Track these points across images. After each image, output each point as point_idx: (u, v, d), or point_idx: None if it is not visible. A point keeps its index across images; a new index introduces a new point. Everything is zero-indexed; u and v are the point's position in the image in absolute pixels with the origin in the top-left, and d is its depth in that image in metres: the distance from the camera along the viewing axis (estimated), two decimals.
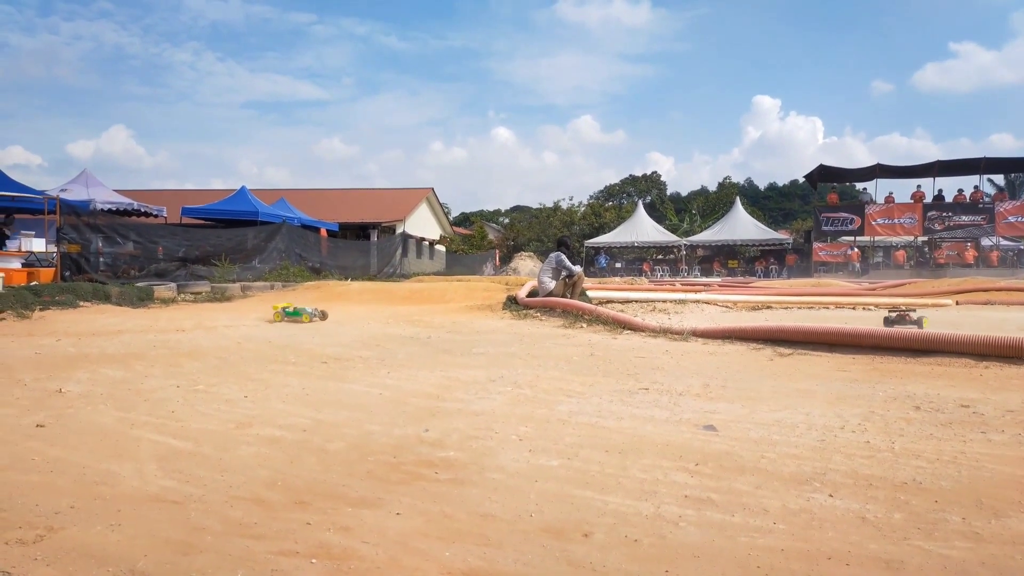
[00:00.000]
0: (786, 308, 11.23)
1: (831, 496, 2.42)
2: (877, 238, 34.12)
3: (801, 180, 48.90)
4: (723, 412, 3.73)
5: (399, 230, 32.32)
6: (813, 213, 35.72)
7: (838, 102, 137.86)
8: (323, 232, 24.08)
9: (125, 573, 1.80)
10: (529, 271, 34.35)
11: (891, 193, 33.48)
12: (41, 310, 9.09)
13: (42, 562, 1.88)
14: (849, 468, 2.73)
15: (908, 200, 33.16)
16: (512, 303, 10.62)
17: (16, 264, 13.25)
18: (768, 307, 11.36)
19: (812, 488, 2.50)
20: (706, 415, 3.64)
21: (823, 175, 35.14)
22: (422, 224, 38.10)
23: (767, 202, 72.48)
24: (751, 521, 2.21)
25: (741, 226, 38.36)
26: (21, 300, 9.04)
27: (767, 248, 38.34)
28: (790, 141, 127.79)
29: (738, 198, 42.22)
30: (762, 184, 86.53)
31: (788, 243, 38.59)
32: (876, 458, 2.86)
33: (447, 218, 45.75)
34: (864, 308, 11.09)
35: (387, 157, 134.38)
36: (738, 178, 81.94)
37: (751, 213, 42.26)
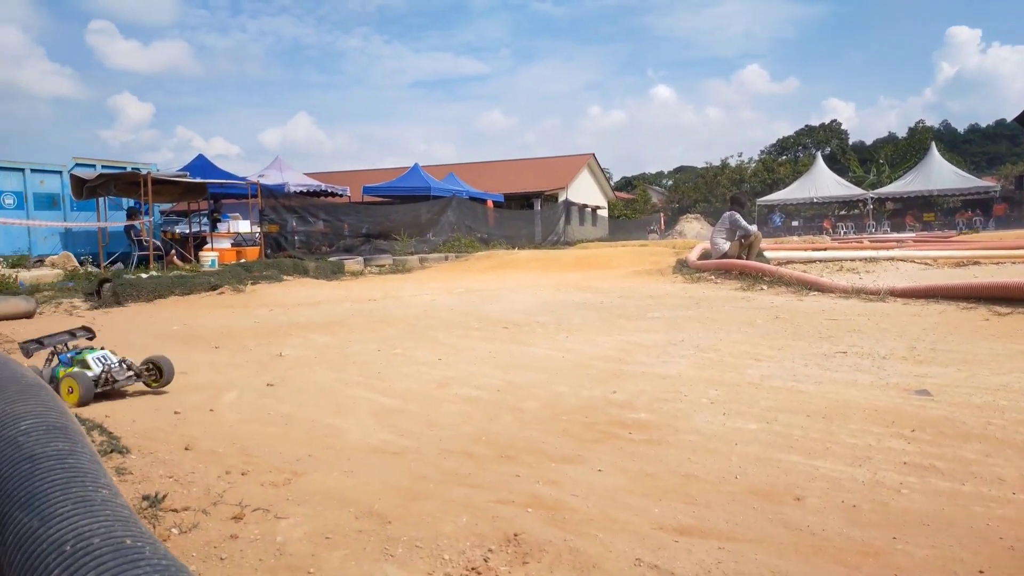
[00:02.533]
0: (997, 264, 10.01)
1: None
2: None
3: (1009, 120, 42.89)
4: (936, 376, 3.43)
5: (561, 198, 32.46)
6: None
7: None
8: (489, 203, 24.78)
9: (365, 514, 2.00)
10: (696, 234, 33.30)
11: None
12: (252, 284, 10.17)
13: (293, 502, 2.14)
14: None
15: None
16: (683, 266, 10.37)
17: (226, 244, 14.91)
18: (976, 263, 10.20)
19: None
20: (917, 379, 3.37)
21: None
22: (584, 191, 37.98)
23: (968, 146, 64.91)
24: (985, 490, 2.04)
25: (937, 174, 34.47)
26: (236, 276, 10.19)
27: (969, 198, 34.28)
28: (994, 76, 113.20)
29: (933, 144, 37.93)
30: (961, 127, 77.83)
31: (995, 191, 34.22)
32: None
33: (608, 183, 45.26)
34: None
35: (545, 126, 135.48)
36: (932, 121, 74.20)
37: (949, 159, 37.78)
